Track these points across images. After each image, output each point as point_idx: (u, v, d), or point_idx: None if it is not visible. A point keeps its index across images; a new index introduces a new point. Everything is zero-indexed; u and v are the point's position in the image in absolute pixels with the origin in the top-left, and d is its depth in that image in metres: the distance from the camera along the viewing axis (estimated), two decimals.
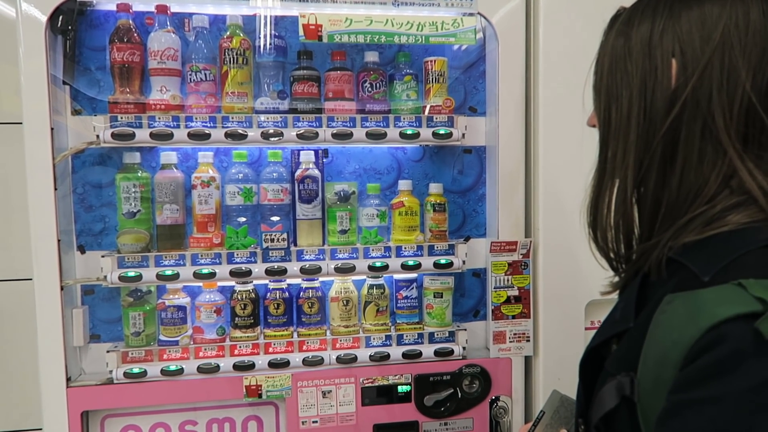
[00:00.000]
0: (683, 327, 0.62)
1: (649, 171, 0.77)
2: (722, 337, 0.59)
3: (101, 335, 1.64)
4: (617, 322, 0.78)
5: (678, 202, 0.75)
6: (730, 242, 0.68)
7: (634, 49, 0.77)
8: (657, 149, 0.75)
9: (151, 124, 1.51)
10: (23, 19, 1.43)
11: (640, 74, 0.76)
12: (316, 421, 1.62)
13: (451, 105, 1.67)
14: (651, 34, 0.75)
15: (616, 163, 0.79)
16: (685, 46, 0.73)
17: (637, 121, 0.76)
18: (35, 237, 1.48)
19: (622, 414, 0.70)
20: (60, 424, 1.50)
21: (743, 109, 0.71)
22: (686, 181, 0.74)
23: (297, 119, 1.58)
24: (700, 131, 0.72)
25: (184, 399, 1.57)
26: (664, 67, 0.74)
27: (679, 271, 0.71)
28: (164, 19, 1.54)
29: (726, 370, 0.58)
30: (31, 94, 1.45)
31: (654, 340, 0.66)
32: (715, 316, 0.59)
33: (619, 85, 0.78)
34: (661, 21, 0.75)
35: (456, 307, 1.77)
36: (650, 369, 0.66)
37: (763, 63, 0.71)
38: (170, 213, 1.58)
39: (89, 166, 1.61)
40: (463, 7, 1.61)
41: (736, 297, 0.60)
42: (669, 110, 0.74)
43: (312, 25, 1.54)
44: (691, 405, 0.59)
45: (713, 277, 0.64)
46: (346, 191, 1.67)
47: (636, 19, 0.78)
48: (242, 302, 1.63)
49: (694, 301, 0.63)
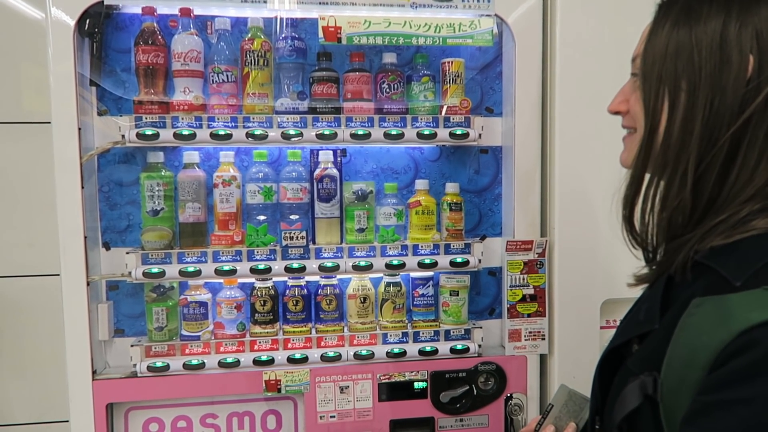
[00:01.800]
0: (714, 330, 0.62)
1: (709, 169, 0.74)
2: (755, 341, 0.60)
3: (125, 330, 1.68)
4: (641, 323, 0.78)
5: (720, 199, 0.74)
6: (760, 246, 0.68)
7: (703, 41, 0.73)
8: (723, 147, 0.72)
9: (175, 125, 1.55)
10: (53, 22, 1.47)
11: (710, 67, 0.72)
12: (333, 416, 1.65)
13: (467, 105, 1.69)
14: (725, 27, 0.72)
15: (670, 156, 0.76)
16: (765, 44, 0.71)
17: (702, 115, 0.73)
18: (63, 234, 1.52)
19: (644, 413, 0.70)
20: (86, 416, 1.55)
21: None
22: (739, 182, 0.72)
23: (316, 119, 1.61)
24: (764, 134, 0.71)
25: (205, 393, 1.61)
26: (741, 62, 0.71)
27: (706, 273, 0.70)
28: (187, 21, 1.58)
29: (759, 372, 0.59)
30: (60, 95, 1.49)
31: (681, 342, 0.66)
32: (748, 320, 0.60)
33: (680, 74, 0.74)
34: (736, 14, 0.72)
35: (472, 305, 1.78)
36: (675, 370, 0.66)
37: None
38: (192, 211, 1.62)
39: (114, 165, 1.65)
40: (480, 8, 1.62)
41: (767, 302, 0.61)
42: (742, 108, 0.71)
43: (331, 27, 1.57)
44: (722, 405, 0.60)
45: (745, 282, 0.65)
46: (364, 190, 1.69)
47: (704, 9, 0.74)
48: (262, 299, 1.66)
49: (725, 305, 0.64)
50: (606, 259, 1.61)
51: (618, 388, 0.78)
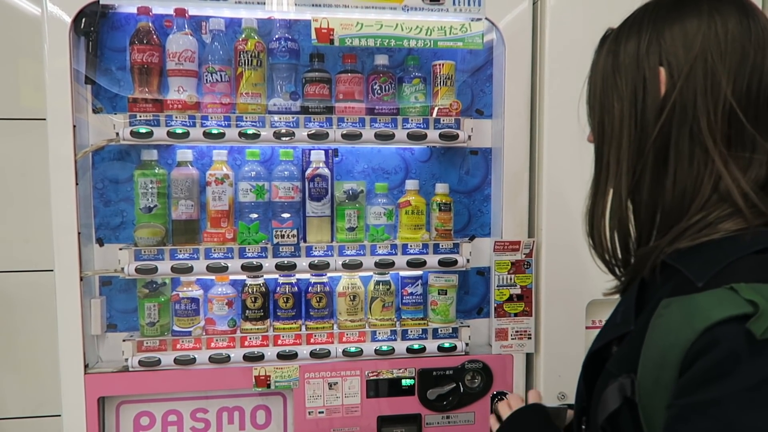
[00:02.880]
0: (679, 330, 0.65)
1: (642, 177, 0.80)
2: (717, 339, 0.62)
3: (118, 325, 1.70)
4: (618, 325, 0.81)
5: (674, 205, 0.78)
6: (722, 249, 0.71)
7: (623, 64, 0.81)
8: (649, 155, 0.78)
9: (169, 123, 1.57)
10: (49, 20, 1.49)
11: (631, 86, 0.80)
12: (322, 412, 1.67)
13: (458, 107, 1.71)
14: (638, 49, 0.80)
15: (611, 171, 0.83)
16: (671, 57, 0.77)
17: (629, 130, 0.80)
18: (57, 230, 1.54)
19: (625, 415, 0.73)
20: (78, 410, 1.57)
21: (726, 113, 0.74)
22: (679, 184, 0.77)
23: (308, 119, 1.63)
24: (688, 135, 0.76)
25: (196, 387, 1.63)
26: (653, 75, 0.78)
27: (675, 275, 0.73)
28: (182, 21, 1.60)
29: (724, 372, 0.61)
30: (55, 93, 1.51)
31: (652, 343, 0.69)
32: (709, 318, 0.63)
33: (610, 98, 0.82)
34: (646, 36, 0.79)
35: (460, 304, 1.81)
36: (649, 370, 0.69)
37: (743, 68, 0.75)
38: (185, 208, 1.64)
39: (109, 162, 1.68)
40: (471, 12, 1.65)
41: (728, 300, 0.63)
42: (659, 116, 0.77)
43: (324, 28, 1.59)
44: (696, 408, 0.62)
45: (707, 283, 0.67)
46: (355, 190, 1.72)
47: (623, 37, 0.82)
48: (253, 296, 1.69)
49: (689, 304, 0.66)
50: (592, 261, 1.63)
51: (600, 389, 0.80)
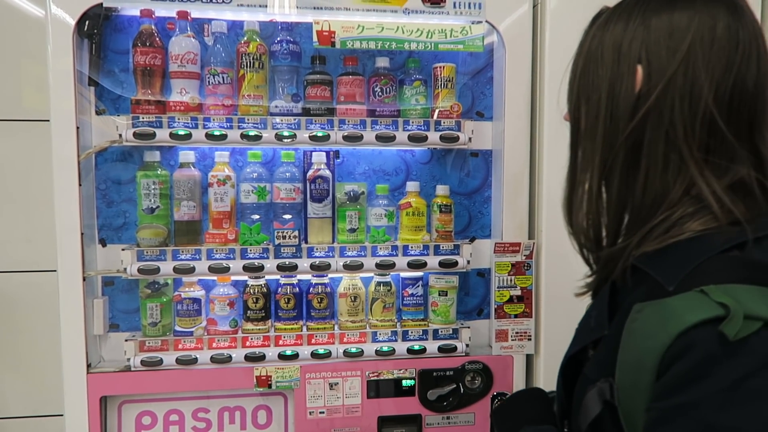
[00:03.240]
0: (655, 335, 0.65)
1: (612, 172, 0.79)
2: (692, 343, 0.63)
3: (120, 325, 1.71)
4: (593, 329, 0.81)
5: (643, 207, 0.78)
6: (689, 250, 0.71)
7: (605, 53, 0.79)
8: (620, 152, 0.78)
9: (171, 125, 1.58)
10: (52, 22, 1.51)
11: (609, 78, 0.78)
12: (323, 412, 1.68)
13: (458, 109, 1.72)
14: (622, 40, 0.78)
15: (585, 162, 0.82)
16: (652, 56, 0.75)
17: (603, 123, 0.79)
18: (60, 230, 1.55)
19: (606, 418, 0.74)
20: (80, 409, 1.58)
21: (705, 121, 0.73)
22: (650, 186, 0.76)
23: (310, 121, 1.64)
24: (663, 139, 0.75)
25: (198, 387, 1.64)
26: (630, 72, 0.77)
27: (646, 278, 0.74)
28: (185, 24, 1.62)
29: (700, 374, 0.62)
30: (59, 95, 1.53)
31: (628, 348, 0.70)
32: (683, 323, 0.63)
33: (590, 86, 0.81)
34: (633, 26, 0.77)
35: (460, 306, 1.82)
36: (627, 374, 0.70)
37: (726, 77, 0.73)
38: (187, 209, 1.65)
39: (111, 163, 1.69)
40: (472, 15, 1.66)
41: (700, 303, 0.64)
42: (632, 115, 0.76)
43: (325, 31, 1.60)
44: (675, 411, 0.63)
45: (678, 286, 0.68)
46: (356, 191, 1.73)
47: (612, 23, 0.80)
48: (254, 296, 1.70)
49: (662, 309, 0.67)
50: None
51: (580, 393, 0.81)
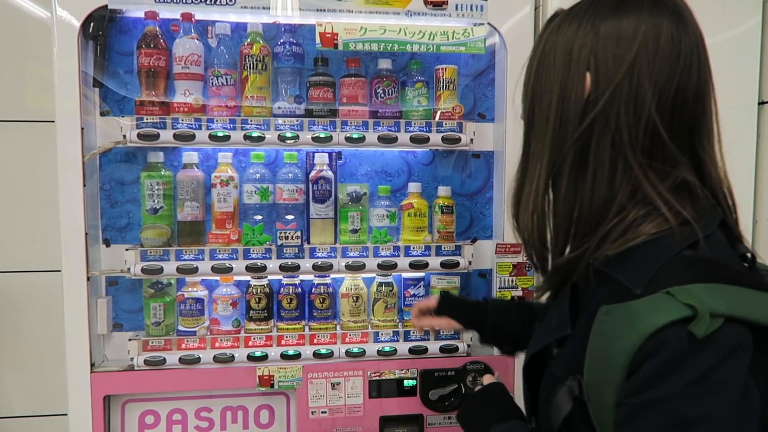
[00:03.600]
0: (624, 336, 0.68)
1: (560, 174, 0.81)
2: (663, 343, 0.66)
3: (123, 324, 1.73)
4: (555, 329, 0.84)
5: (592, 210, 0.80)
6: (649, 253, 0.74)
7: (557, 57, 0.81)
8: (568, 154, 0.80)
9: (175, 126, 1.60)
10: (58, 24, 1.52)
11: (560, 82, 0.80)
12: (325, 412, 1.69)
13: (460, 111, 1.73)
14: (573, 45, 0.80)
15: (534, 162, 0.84)
16: (600, 63, 0.78)
17: (554, 126, 0.81)
18: (65, 230, 1.57)
19: (576, 413, 0.77)
20: (84, 408, 1.59)
21: (649, 128, 0.76)
22: (598, 189, 0.79)
23: (312, 123, 1.65)
24: (610, 144, 0.78)
25: (201, 387, 1.65)
26: (579, 79, 0.79)
27: (608, 280, 0.77)
28: (189, 26, 1.63)
29: (670, 370, 0.65)
30: (64, 96, 1.54)
31: (597, 348, 0.72)
32: (654, 324, 0.66)
33: (543, 89, 0.83)
34: (583, 32, 0.79)
35: None
36: (596, 372, 0.72)
37: (669, 85, 0.76)
38: (191, 210, 1.66)
39: (115, 164, 1.70)
40: (474, 17, 1.67)
41: (668, 305, 0.67)
42: (581, 120, 0.79)
43: (328, 33, 1.61)
44: (647, 405, 0.66)
45: (644, 290, 0.71)
46: (358, 192, 1.74)
47: (564, 27, 0.82)
48: (257, 296, 1.71)
49: (631, 312, 0.69)
50: None
51: (547, 391, 0.84)
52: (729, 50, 1.80)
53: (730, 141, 1.85)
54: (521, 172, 0.88)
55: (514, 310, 1.31)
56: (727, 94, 2.01)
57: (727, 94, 1.92)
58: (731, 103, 1.82)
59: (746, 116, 1.82)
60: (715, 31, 1.80)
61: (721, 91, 2.01)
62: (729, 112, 2.02)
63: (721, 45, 1.80)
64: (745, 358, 0.66)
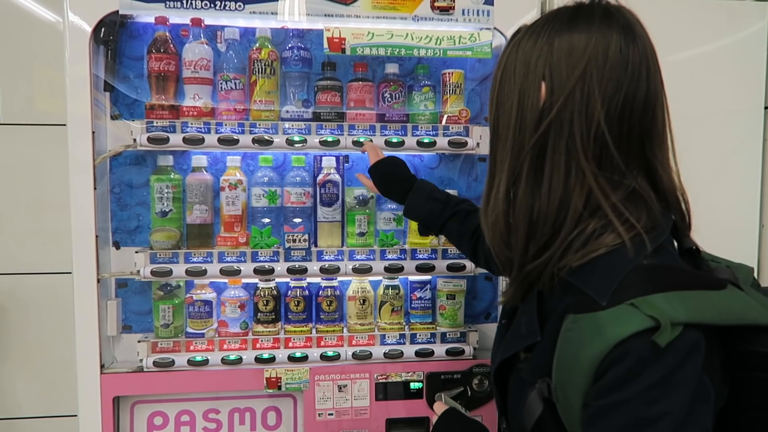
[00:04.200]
0: (591, 344, 0.73)
1: (519, 177, 0.86)
2: (627, 351, 0.71)
3: (133, 326, 1.74)
4: (524, 336, 0.88)
5: (549, 212, 0.83)
6: (611, 264, 0.78)
7: (517, 68, 0.87)
8: (526, 159, 0.85)
9: (184, 129, 1.61)
10: (70, 29, 1.54)
11: (519, 92, 0.86)
12: (331, 414, 1.70)
13: (467, 115, 1.75)
14: (530, 58, 0.85)
15: (497, 166, 0.90)
16: (554, 73, 0.83)
17: (513, 132, 0.86)
18: (75, 233, 1.58)
19: (546, 414, 0.82)
20: (94, 409, 1.60)
21: (598, 135, 0.81)
22: (554, 192, 0.83)
23: (320, 127, 1.67)
24: (564, 149, 0.82)
25: (209, 388, 1.67)
26: (535, 87, 0.84)
27: (572, 289, 0.81)
28: (198, 31, 1.65)
29: (633, 375, 0.71)
30: (75, 100, 1.56)
31: (565, 354, 0.77)
32: (619, 335, 0.71)
33: (505, 97, 0.88)
34: (539, 45, 0.85)
35: (468, 309, 1.83)
36: (564, 376, 0.77)
37: (617, 95, 0.80)
38: (199, 213, 1.68)
39: (125, 167, 1.72)
40: (480, 22, 1.68)
41: (631, 317, 0.72)
42: (537, 126, 0.84)
43: (336, 38, 1.63)
44: (612, 407, 0.72)
45: (609, 301, 0.75)
46: (365, 196, 1.75)
47: (524, 40, 0.88)
48: (265, 299, 1.72)
49: (597, 322, 0.74)
50: None
51: (516, 392, 0.90)
52: (734, 54, 1.80)
53: (736, 145, 1.88)
54: (488, 181, 0.93)
55: (433, 202, 1.44)
56: (732, 98, 2.03)
57: (733, 98, 1.94)
58: (737, 107, 1.82)
59: (752, 120, 1.82)
60: (721, 35, 1.81)
61: (727, 95, 2.04)
62: (735, 116, 2.04)
63: (727, 49, 1.80)
64: (700, 358, 0.72)
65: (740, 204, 1.85)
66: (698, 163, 1.53)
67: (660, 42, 0.89)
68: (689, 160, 0.91)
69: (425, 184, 1.49)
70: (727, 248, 1.00)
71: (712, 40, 1.80)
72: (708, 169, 1.82)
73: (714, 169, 1.82)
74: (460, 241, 1.46)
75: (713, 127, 1.80)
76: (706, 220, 0.94)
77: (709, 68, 1.80)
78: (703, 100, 1.79)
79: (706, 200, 1.01)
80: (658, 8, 1.76)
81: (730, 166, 1.83)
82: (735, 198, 1.84)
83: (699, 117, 1.78)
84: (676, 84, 1.84)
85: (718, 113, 1.81)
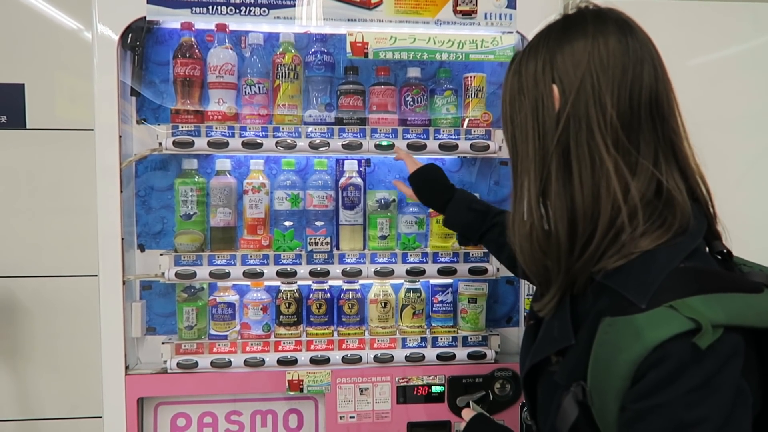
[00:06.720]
0: (629, 347, 0.73)
1: (549, 182, 0.87)
2: (667, 354, 0.71)
3: (157, 328, 1.76)
4: (557, 339, 0.88)
5: (585, 205, 0.84)
6: (649, 267, 0.79)
7: (525, 84, 0.90)
8: (552, 160, 0.86)
9: (209, 133, 1.63)
10: (98, 37, 1.57)
11: (532, 102, 0.88)
12: (353, 417, 1.70)
13: (488, 119, 1.75)
14: (536, 70, 0.88)
15: (523, 180, 0.91)
16: (562, 75, 0.86)
17: (533, 142, 0.88)
18: (102, 236, 1.60)
19: (581, 418, 0.81)
20: (118, 409, 1.62)
21: (613, 121, 0.83)
22: (586, 186, 0.84)
23: (342, 130, 1.68)
24: (585, 143, 0.83)
25: (231, 390, 1.68)
26: (547, 93, 0.87)
27: (606, 291, 0.81)
28: (223, 36, 1.67)
29: (673, 378, 0.71)
30: (103, 106, 1.58)
31: (601, 357, 0.77)
32: (658, 338, 0.71)
33: (517, 113, 0.91)
34: (542, 58, 0.88)
35: (489, 313, 1.83)
36: (600, 380, 0.77)
37: (624, 79, 0.83)
38: (223, 216, 1.70)
39: (151, 171, 1.74)
40: (502, 25, 1.69)
41: (671, 319, 0.72)
42: (556, 127, 0.85)
43: (359, 42, 1.64)
44: (651, 410, 0.72)
45: (648, 304, 0.75)
46: (387, 199, 1.76)
47: (525, 59, 0.91)
48: (287, 301, 1.73)
49: (636, 324, 0.74)
50: None
51: (546, 397, 0.91)
52: (760, 57, 1.78)
53: (761, 151, 1.85)
54: (513, 196, 0.93)
55: (472, 212, 1.47)
56: (758, 101, 2.01)
57: (759, 101, 1.92)
58: (763, 110, 1.80)
59: None
60: (746, 39, 1.79)
61: (752, 98, 2.02)
62: (761, 119, 2.01)
63: (752, 52, 1.78)
64: (740, 362, 0.72)
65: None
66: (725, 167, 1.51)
67: (685, 46, 0.90)
68: (714, 164, 0.91)
69: (464, 194, 1.52)
70: (756, 252, 0.99)
71: (736, 43, 1.79)
72: (734, 174, 1.80)
73: (740, 174, 1.80)
74: (499, 252, 1.47)
75: (740, 131, 1.78)
76: (733, 224, 0.93)
77: (735, 71, 1.78)
78: (728, 104, 1.77)
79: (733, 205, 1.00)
80: (680, 12, 1.75)
81: (756, 169, 1.81)
82: (763, 201, 1.82)
83: (726, 120, 1.76)
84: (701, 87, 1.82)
85: (745, 117, 1.79)
